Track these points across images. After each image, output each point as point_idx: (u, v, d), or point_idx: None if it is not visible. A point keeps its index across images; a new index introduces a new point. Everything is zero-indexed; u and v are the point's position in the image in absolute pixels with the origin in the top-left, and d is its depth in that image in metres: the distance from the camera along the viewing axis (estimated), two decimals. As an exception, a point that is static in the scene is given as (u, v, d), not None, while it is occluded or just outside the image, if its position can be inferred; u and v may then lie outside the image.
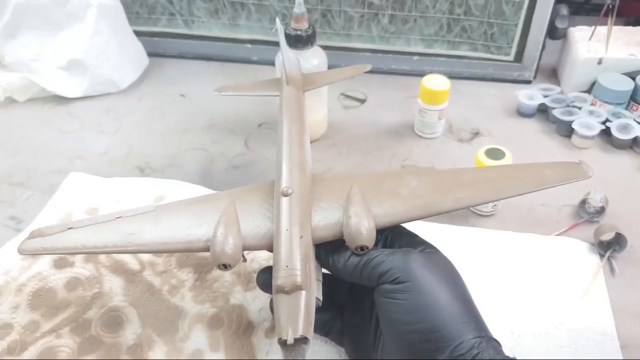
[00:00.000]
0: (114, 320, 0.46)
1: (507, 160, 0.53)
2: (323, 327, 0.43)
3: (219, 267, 0.38)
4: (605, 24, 0.72)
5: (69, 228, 0.42)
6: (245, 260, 0.41)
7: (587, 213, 0.56)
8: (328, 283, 0.40)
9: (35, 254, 0.42)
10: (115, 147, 0.67)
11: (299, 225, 0.39)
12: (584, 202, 0.56)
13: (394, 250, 0.38)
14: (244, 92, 0.62)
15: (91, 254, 0.47)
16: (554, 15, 0.73)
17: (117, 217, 0.43)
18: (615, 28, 0.73)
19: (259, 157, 0.65)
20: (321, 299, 0.38)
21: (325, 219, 0.40)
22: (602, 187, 0.57)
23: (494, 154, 0.54)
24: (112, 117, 0.72)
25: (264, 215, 0.41)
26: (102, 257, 0.51)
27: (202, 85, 0.78)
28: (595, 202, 0.56)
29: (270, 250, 0.39)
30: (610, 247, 0.51)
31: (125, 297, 0.48)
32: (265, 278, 0.40)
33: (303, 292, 0.35)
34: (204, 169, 0.63)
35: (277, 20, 0.53)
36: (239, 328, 0.45)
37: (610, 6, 0.71)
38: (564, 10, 0.77)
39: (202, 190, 0.59)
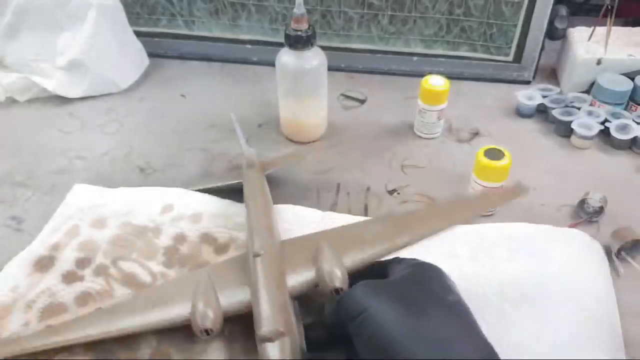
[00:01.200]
0: (128, 335, 0.44)
1: (507, 160, 0.54)
2: None
3: (201, 333, 0.41)
4: (604, 24, 0.72)
5: (48, 326, 0.43)
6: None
7: (586, 213, 0.56)
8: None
9: (8, 357, 0.43)
10: (116, 147, 0.67)
11: (275, 279, 0.42)
12: (582, 202, 0.56)
13: (355, 286, 0.38)
14: (209, 184, 0.60)
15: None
16: (553, 15, 0.73)
17: (97, 309, 0.45)
18: (614, 28, 0.73)
19: (258, 157, 0.65)
20: (305, 348, 0.39)
21: (298, 275, 0.44)
22: (601, 187, 0.57)
23: (493, 154, 0.54)
24: (113, 117, 0.72)
25: (240, 282, 0.44)
26: (113, 270, 0.50)
27: (202, 86, 0.78)
28: (594, 202, 0.56)
29: (251, 313, 0.41)
30: (625, 249, 0.52)
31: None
32: None
33: (287, 338, 0.38)
34: (205, 169, 0.64)
35: (232, 115, 0.59)
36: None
37: (609, 7, 0.71)
38: (563, 10, 0.77)
39: (210, 199, 0.58)
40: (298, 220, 0.55)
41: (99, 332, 0.42)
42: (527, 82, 0.78)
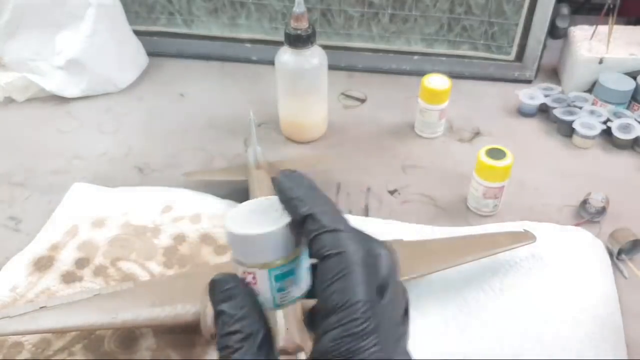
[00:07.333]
0: (128, 336, 0.44)
1: (509, 160, 0.53)
2: None
3: (211, 337, 0.40)
4: (606, 23, 0.72)
5: (42, 307, 0.42)
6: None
7: (588, 213, 0.56)
8: None
9: (4, 335, 0.42)
10: (114, 147, 0.66)
11: None
12: (585, 202, 0.56)
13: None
14: (212, 177, 0.61)
15: (70, 331, 0.45)
16: (555, 14, 0.73)
17: (95, 295, 0.43)
18: (616, 27, 0.72)
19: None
20: None
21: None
22: (603, 187, 0.57)
23: (495, 154, 0.54)
24: (111, 117, 0.72)
25: None
26: (112, 270, 0.50)
27: (201, 85, 0.78)
28: (596, 202, 0.55)
29: None
30: (624, 251, 0.51)
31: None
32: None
33: (303, 352, 0.38)
34: (204, 169, 0.63)
35: (251, 113, 0.58)
36: None
37: (611, 5, 0.70)
38: (565, 9, 0.77)
39: (211, 200, 0.57)
40: None
41: (97, 322, 0.41)
42: (529, 82, 0.77)
